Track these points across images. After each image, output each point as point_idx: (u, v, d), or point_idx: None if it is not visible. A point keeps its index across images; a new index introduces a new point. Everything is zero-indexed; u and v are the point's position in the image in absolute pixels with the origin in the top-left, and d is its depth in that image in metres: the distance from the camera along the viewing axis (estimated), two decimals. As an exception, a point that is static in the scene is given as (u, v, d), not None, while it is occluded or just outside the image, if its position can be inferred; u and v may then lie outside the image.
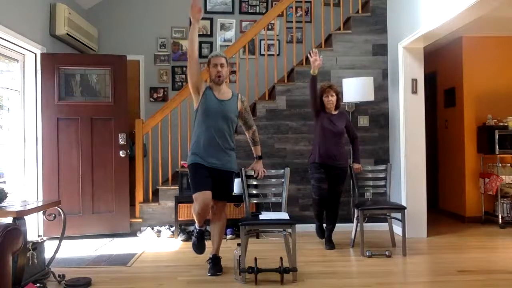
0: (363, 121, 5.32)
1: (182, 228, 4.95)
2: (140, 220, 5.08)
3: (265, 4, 6.47)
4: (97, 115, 4.94)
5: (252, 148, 3.76)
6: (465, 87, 5.77)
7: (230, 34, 6.42)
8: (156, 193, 5.25)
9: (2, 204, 3.11)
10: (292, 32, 5.88)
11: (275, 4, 5.97)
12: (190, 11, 3.35)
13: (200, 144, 3.48)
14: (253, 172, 3.70)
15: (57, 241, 3.47)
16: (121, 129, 5.00)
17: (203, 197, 3.38)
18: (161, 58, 6.35)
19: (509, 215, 5.40)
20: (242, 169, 3.78)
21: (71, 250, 4.31)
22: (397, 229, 4.55)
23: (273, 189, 3.87)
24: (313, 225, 4.65)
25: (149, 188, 5.25)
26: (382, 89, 5.31)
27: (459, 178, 5.87)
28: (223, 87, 3.56)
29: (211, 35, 6.42)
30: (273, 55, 5.91)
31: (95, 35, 5.98)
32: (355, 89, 4.89)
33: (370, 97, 4.91)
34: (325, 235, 4.42)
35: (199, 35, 6.35)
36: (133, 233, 5.00)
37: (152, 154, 5.59)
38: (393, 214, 4.32)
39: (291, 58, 5.56)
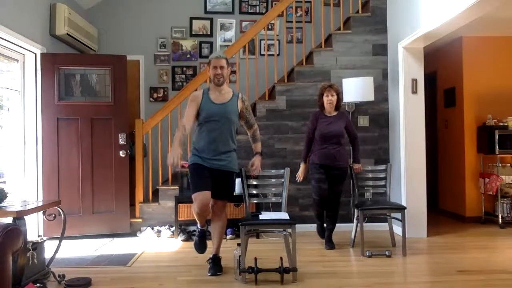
0: (363, 121, 5.32)
1: (182, 228, 4.95)
2: (140, 220, 5.08)
3: (265, 4, 6.47)
4: (97, 115, 4.94)
5: (252, 145, 3.75)
6: (465, 87, 5.77)
7: (230, 34, 6.42)
8: (156, 193, 5.25)
9: (2, 204, 3.11)
10: (292, 32, 5.88)
11: (275, 4, 5.97)
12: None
13: (201, 145, 3.49)
14: (250, 166, 3.60)
15: (57, 241, 3.47)
16: (121, 129, 4.99)
17: (202, 197, 3.38)
18: (161, 58, 6.35)
19: (509, 215, 5.40)
20: (242, 169, 3.78)
21: (71, 250, 4.31)
22: (397, 229, 4.55)
23: (273, 189, 3.87)
24: (313, 225, 4.65)
25: (149, 188, 5.25)
26: (382, 89, 5.31)
27: (459, 178, 5.87)
28: (223, 88, 3.56)
29: (211, 35, 6.42)
30: (273, 55, 5.91)
31: (95, 35, 5.98)
32: (355, 89, 4.88)
33: (370, 97, 4.91)
34: (325, 235, 4.42)
35: (200, 35, 6.39)
36: (133, 233, 5.00)
37: (152, 154, 5.59)
38: (393, 214, 4.32)
39: (291, 58, 5.56)
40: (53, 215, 3.44)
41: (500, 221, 5.32)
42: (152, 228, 4.96)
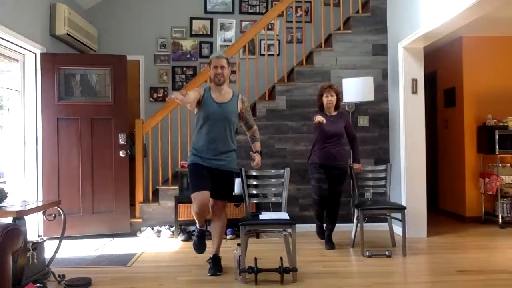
0: (363, 121, 5.32)
1: (182, 228, 4.95)
2: (140, 220, 5.08)
3: (265, 4, 6.47)
4: (97, 115, 4.94)
5: (251, 145, 3.75)
6: (465, 87, 5.77)
7: (230, 34, 6.42)
8: (156, 193, 5.25)
9: (2, 204, 3.11)
10: (292, 32, 5.88)
11: (275, 4, 5.97)
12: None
13: (201, 145, 3.49)
14: (251, 158, 3.64)
15: (57, 241, 3.47)
16: (121, 129, 4.99)
17: (201, 197, 3.39)
18: (161, 58, 6.35)
19: (509, 215, 5.40)
20: (242, 169, 3.78)
21: (71, 250, 4.31)
22: (397, 229, 4.55)
23: (273, 189, 3.87)
24: (313, 225, 4.65)
25: (149, 188, 5.25)
26: (382, 89, 5.31)
27: (459, 178, 5.87)
28: (223, 88, 3.56)
29: (211, 35, 6.41)
30: (273, 55, 5.91)
31: (95, 35, 5.98)
32: (355, 89, 4.88)
33: (370, 97, 4.91)
34: (325, 235, 4.42)
35: (200, 35, 6.39)
36: (133, 233, 5.00)
37: (152, 154, 5.59)
38: (393, 214, 4.32)
39: (291, 58, 5.56)
40: (53, 215, 3.43)
41: (500, 221, 5.32)
42: (152, 228, 4.96)
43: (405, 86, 4.89)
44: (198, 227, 3.64)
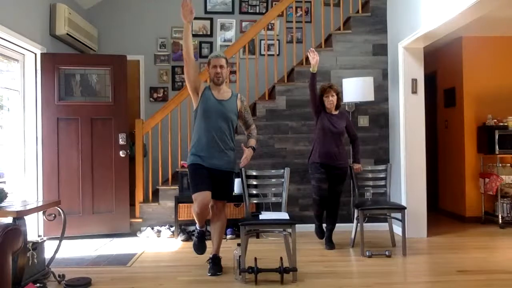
0: (363, 121, 5.32)
1: (182, 228, 4.95)
2: (140, 220, 5.08)
3: (265, 4, 6.47)
4: (97, 115, 4.94)
5: (247, 141, 3.70)
6: (465, 87, 5.77)
7: (230, 34, 6.42)
8: (156, 193, 5.25)
9: (2, 204, 3.11)
10: (292, 32, 5.88)
11: (275, 4, 5.97)
12: (182, 11, 3.32)
13: (200, 145, 3.48)
14: (243, 149, 3.54)
15: (57, 241, 3.47)
16: (121, 129, 4.99)
17: (202, 197, 3.38)
18: (161, 58, 6.35)
19: (509, 215, 5.40)
20: (242, 169, 3.78)
21: (71, 250, 4.31)
22: (397, 229, 4.55)
23: (273, 189, 3.87)
24: (313, 225, 4.64)
25: (149, 188, 5.25)
26: (382, 89, 5.31)
27: (459, 178, 5.87)
28: (222, 87, 3.57)
29: (211, 35, 6.41)
30: (273, 55, 5.91)
31: (95, 35, 5.98)
32: (355, 89, 4.89)
33: (370, 97, 4.91)
34: (325, 235, 4.42)
35: (200, 35, 6.37)
36: (133, 233, 5.00)
37: (152, 154, 5.59)
38: (393, 214, 4.32)
39: (291, 58, 5.56)
40: (53, 215, 3.43)
41: (500, 221, 5.32)
42: (152, 228, 4.96)
43: (405, 86, 4.89)
44: (198, 227, 3.64)
